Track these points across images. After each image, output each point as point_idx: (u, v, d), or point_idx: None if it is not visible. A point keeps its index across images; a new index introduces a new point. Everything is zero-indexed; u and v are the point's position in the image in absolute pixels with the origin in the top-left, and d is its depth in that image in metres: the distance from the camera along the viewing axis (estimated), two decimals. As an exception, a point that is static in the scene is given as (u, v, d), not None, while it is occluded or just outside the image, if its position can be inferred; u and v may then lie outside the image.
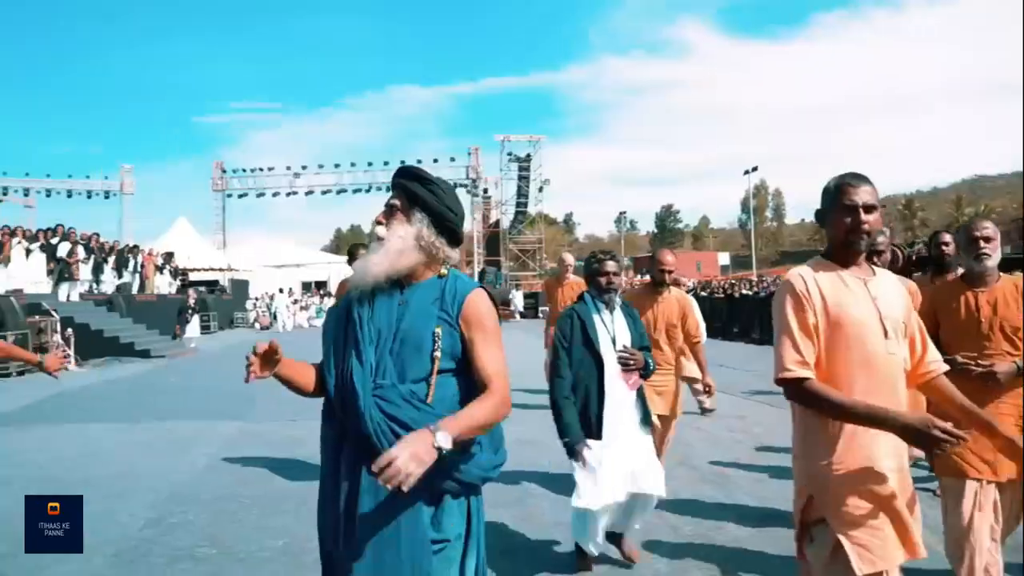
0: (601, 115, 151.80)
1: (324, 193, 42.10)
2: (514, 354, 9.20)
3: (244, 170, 43.04)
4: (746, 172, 45.24)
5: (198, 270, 32.19)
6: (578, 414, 3.53)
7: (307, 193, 41.47)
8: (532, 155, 43.62)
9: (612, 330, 3.66)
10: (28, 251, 17.04)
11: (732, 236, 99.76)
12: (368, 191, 40.97)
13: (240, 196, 43.14)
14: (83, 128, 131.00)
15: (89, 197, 42.87)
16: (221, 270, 34.63)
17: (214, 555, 4.12)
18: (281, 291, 33.88)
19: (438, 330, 1.94)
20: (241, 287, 34.48)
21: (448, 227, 2.03)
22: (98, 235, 20.93)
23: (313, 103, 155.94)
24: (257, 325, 31.93)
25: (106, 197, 43.05)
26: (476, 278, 41.12)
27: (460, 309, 1.96)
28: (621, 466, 3.49)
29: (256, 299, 34.63)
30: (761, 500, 4.91)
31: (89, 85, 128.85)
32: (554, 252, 54.73)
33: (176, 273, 26.80)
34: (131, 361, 16.03)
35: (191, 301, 23.41)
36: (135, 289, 21.70)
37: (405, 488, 1.66)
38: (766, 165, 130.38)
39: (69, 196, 42.68)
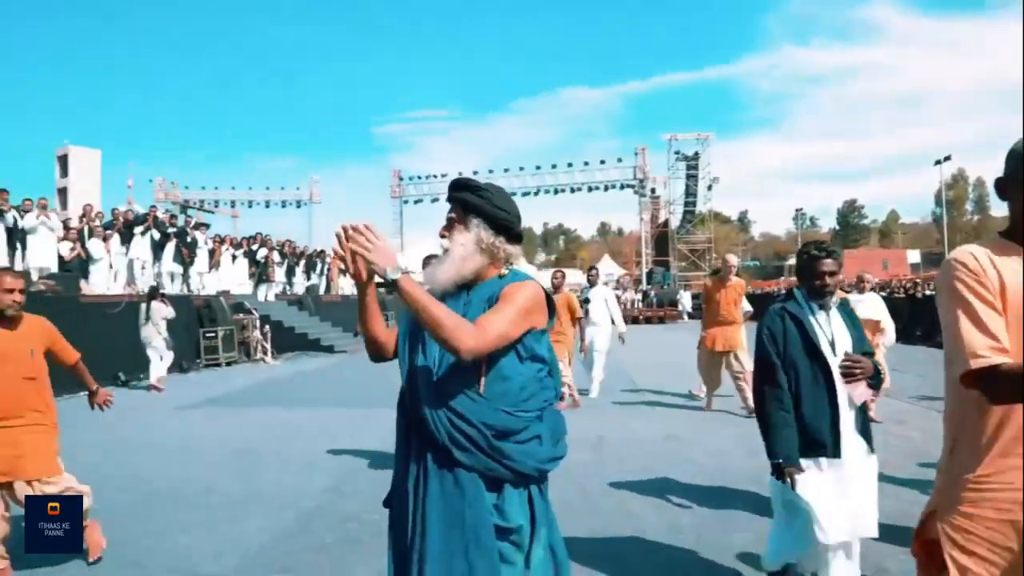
0: (779, 107, 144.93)
1: (493, 197, 43.58)
2: (675, 355, 9.28)
3: (419, 177, 45.40)
4: (937, 162, 41.90)
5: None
6: (801, 431, 3.07)
7: (478, 197, 43.11)
8: (700, 153, 42.84)
9: (830, 333, 3.17)
10: (234, 257, 19.16)
11: (925, 232, 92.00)
12: (536, 194, 41.85)
13: (416, 202, 45.52)
14: (280, 143, 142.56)
15: (283, 207, 47.01)
16: (405, 272, 36.78)
17: (376, 520, 4.70)
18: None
19: (489, 312, 2.02)
20: (417, 288, 36.47)
21: (504, 226, 2.11)
22: (291, 241, 23.12)
23: (484, 109, 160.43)
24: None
25: (297, 206, 47.02)
26: (644, 279, 40.92)
27: (502, 291, 2.05)
28: (847, 496, 3.04)
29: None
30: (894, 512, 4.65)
31: (285, 102, 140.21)
32: (727, 251, 53.51)
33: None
34: (317, 355, 17.65)
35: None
36: (322, 290, 23.70)
37: (365, 240, 1.87)
38: (966, 153, 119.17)
39: (267, 206, 47.00)
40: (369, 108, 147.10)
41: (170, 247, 16.02)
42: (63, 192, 20.34)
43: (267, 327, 17.31)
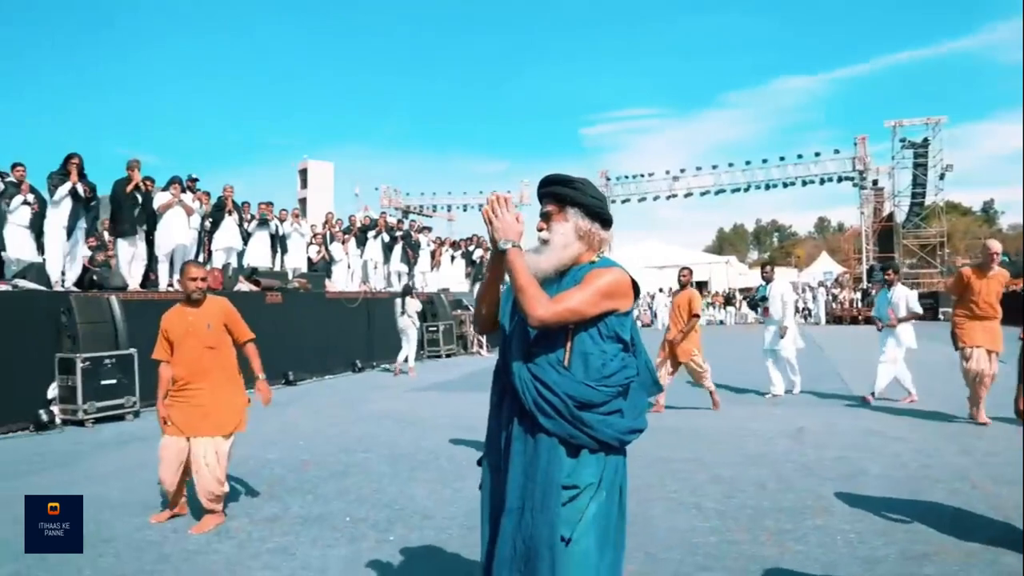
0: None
1: (703, 194, 42.79)
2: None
3: (627, 176, 45.63)
4: None
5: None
6: None
7: (686, 195, 42.50)
8: (930, 139, 39.37)
9: None
10: (452, 257, 20.75)
11: None
12: (747, 190, 40.58)
13: (623, 201, 45.88)
14: (491, 148, 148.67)
15: (494, 209, 49.27)
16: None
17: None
18: (661, 290, 35.56)
19: (570, 289, 2.21)
20: (624, 287, 36.87)
21: (598, 213, 2.31)
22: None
23: (691, 105, 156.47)
24: (639, 323, 34.05)
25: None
26: (864, 276, 38.28)
27: (588, 275, 2.23)
28: None
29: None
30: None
31: (496, 107, 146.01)
32: (968, 246, 48.47)
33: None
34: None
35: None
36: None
37: (499, 207, 2.21)
38: None
39: (480, 209, 49.45)
40: (577, 110, 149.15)
41: (397, 249, 17.75)
42: (303, 202, 22.92)
43: (483, 322, 18.56)
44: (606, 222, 2.33)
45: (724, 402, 9.01)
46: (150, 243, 10.84)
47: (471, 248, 21.70)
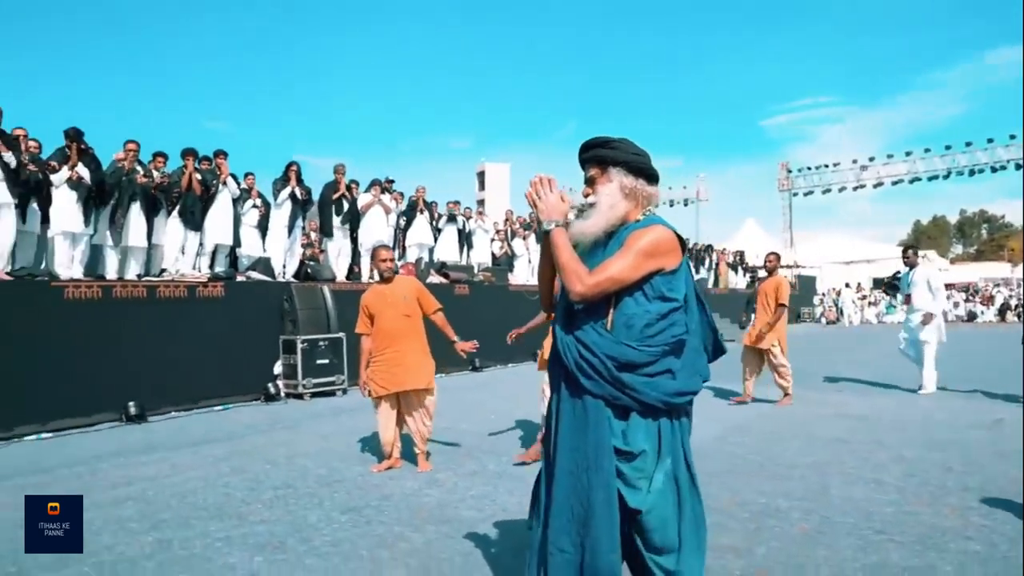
0: None
1: (895, 184, 40.04)
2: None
3: (809, 168, 43.58)
4: None
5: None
6: None
7: (875, 185, 39.92)
8: None
9: None
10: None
11: None
12: (947, 177, 37.39)
13: (806, 194, 43.87)
14: (667, 144, 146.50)
15: (672, 205, 48.78)
16: (788, 267, 36.09)
17: (758, 460, 5.48)
18: (848, 286, 33.79)
19: (610, 258, 2.18)
20: (808, 283, 35.39)
21: (641, 168, 2.28)
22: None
23: (880, 89, 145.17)
24: (823, 320, 32.52)
25: (685, 204, 48.41)
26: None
27: (630, 235, 2.20)
28: None
29: (823, 294, 35.24)
30: None
31: (669, 104, 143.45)
32: None
33: (747, 270, 29.15)
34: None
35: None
36: (710, 284, 24.56)
37: (543, 189, 2.21)
38: None
39: (656, 206, 49.16)
40: (756, 101, 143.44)
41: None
42: (481, 203, 23.91)
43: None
44: (651, 177, 2.30)
45: (907, 392, 8.72)
46: (354, 240, 12.04)
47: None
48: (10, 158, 7.88)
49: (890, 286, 10.04)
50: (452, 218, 14.54)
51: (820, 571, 3.36)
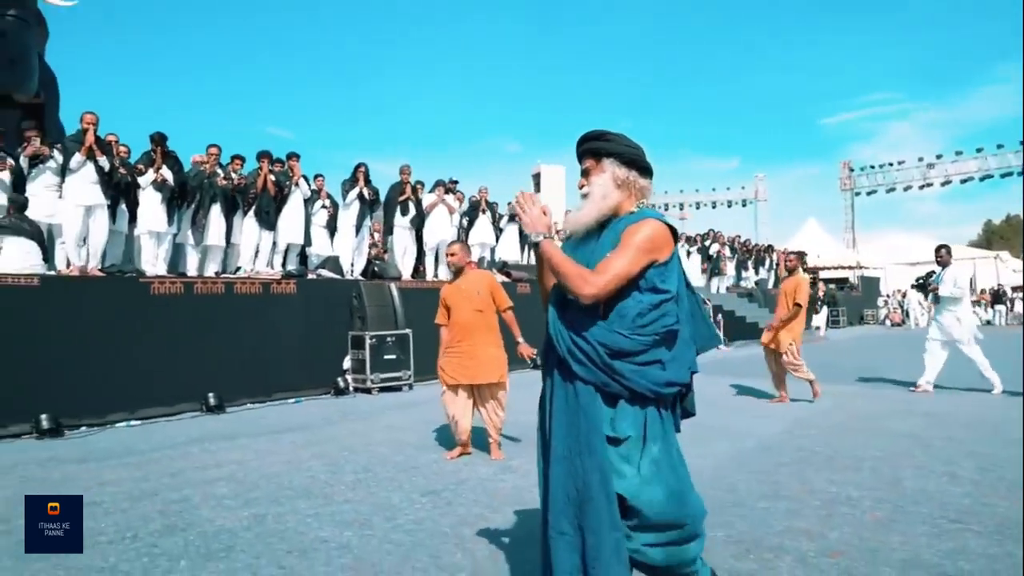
0: None
1: (964, 182, 38.82)
2: None
3: (872, 167, 42.61)
4: None
5: (828, 268, 33.60)
6: None
7: (943, 183, 38.81)
8: None
9: None
10: (688, 252, 20.91)
11: None
12: (1022, 174, 36.13)
13: (869, 193, 42.88)
14: (722, 145, 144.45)
15: (729, 206, 48.21)
16: (851, 268, 35.35)
17: (825, 452, 5.50)
18: (914, 286, 32.90)
19: (610, 256, 2.22)
20: (871, 284, 34.61)
21: (634, 160, 2.33)
22: (739, 236, 24.18)
23: (948, 83, 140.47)
24: (888, 322, 31.72)
25: (743, 205, 47.77)
26: None
27: (624, 230, 2.24)
28: None
29: (887, 296, 34.40)
30: None
31: (728, 104, 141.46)
32: None
33: (807, 271, 28.68)
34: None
35: (820, 294, 24.96)
36: (770, 284, 24.27)
37: (527, 206, 2.29)
38: None
39: (714, 207, 48.69)
40: (816, 99, 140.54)
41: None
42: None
43: (719, 316, 18.60)
44: (644, 170, 2.35)
45: (980, 392, 8.57)
46: (419, 239, 12.33)
47: (708, 243, 21.70)
48: (104, 162, 8.36)
49: (921, 287, 9.84)
50: (513, 218, 14.75)
51: (895, 555, 3.41)
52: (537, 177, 56.02)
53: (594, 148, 2.35)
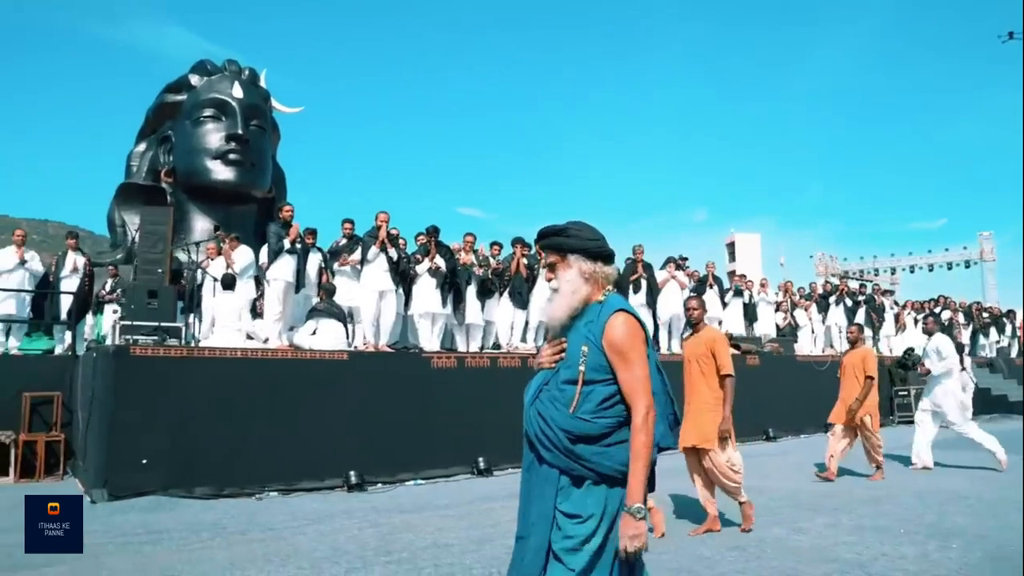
0: None
1: None
2: None
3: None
4: None
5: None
6: None
7: None
8: None
9: None
10: (915, 320, 19.90)
11: None
12: None
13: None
14: (929, 204, 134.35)
15: (949, 268, 44.78)
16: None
17: None
18: None
19: (584, 348, 2.28)
20: None
21: (598, 253, 2.39)
22: (979, 303, 22.62)
23: None
24: None
25: (967, 267, 44.21)
26: None
27: (602, 333, 2.28)
28: None
29: None
30: None
31: (928, 155, 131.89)
32: None
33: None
34: (1016, 417, 16.92)
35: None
36: (1013, 352, 22.35)
37: (644, 551, 2.17)
38: None
39: (931, 269, 45.46)
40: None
41: (860, 313, 17.76)
42: (731, 275, 23.82)
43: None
44: (608, 258, 2.43)
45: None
46: (653, 314, 12.93)
47: (938, 309, 20.54)
48: (393, 253, 9.74)
49: (904, 366, 9.05)
50: (739, 292, 14.99)
51: None
52: (731, 246, 55.01)
53: (557, 244, 2.42)
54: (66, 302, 11.10)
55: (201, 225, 13.76)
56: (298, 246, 9.58)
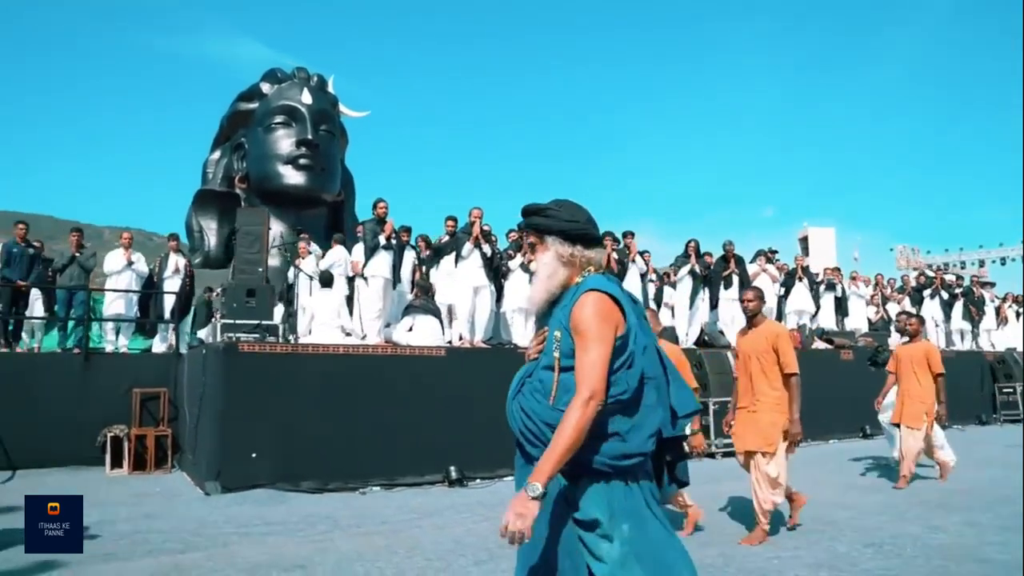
0: None
1: None
2: None
3: None
4: None
5: None
6: None
7: None
8: None
9: None
10: (1018, 313, 18.97)
11: None
12: None
13: None
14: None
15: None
16: None
17: None
18: None
19: (557, 334, 2.15)
20: None
21: (578, 235, 2.24)
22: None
23: None
24: None
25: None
26: None
27: (570, 316, 2.14)
28: None
29: None
30: None
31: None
32: None
33: None
34: None
35: None
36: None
37: (527, 539, 1.95)
38: None
39: (1025, 261, 43.34)
40: None
41: (958, 306, 17.02)
42: (806, 270, 23.12)
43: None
44: (590, 240, 2.27)
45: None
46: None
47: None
48: (487, 249, 9.76)
49: (875, 363, 8.29)
50: (831, 286, 14.54)
51: None
52: (804, 240, 53.68)
53: (535, 224, 2.29)
54: (169, 302, 11.46)
55: (274, 229, 14.05)
56: (393, 242, 9.68)
